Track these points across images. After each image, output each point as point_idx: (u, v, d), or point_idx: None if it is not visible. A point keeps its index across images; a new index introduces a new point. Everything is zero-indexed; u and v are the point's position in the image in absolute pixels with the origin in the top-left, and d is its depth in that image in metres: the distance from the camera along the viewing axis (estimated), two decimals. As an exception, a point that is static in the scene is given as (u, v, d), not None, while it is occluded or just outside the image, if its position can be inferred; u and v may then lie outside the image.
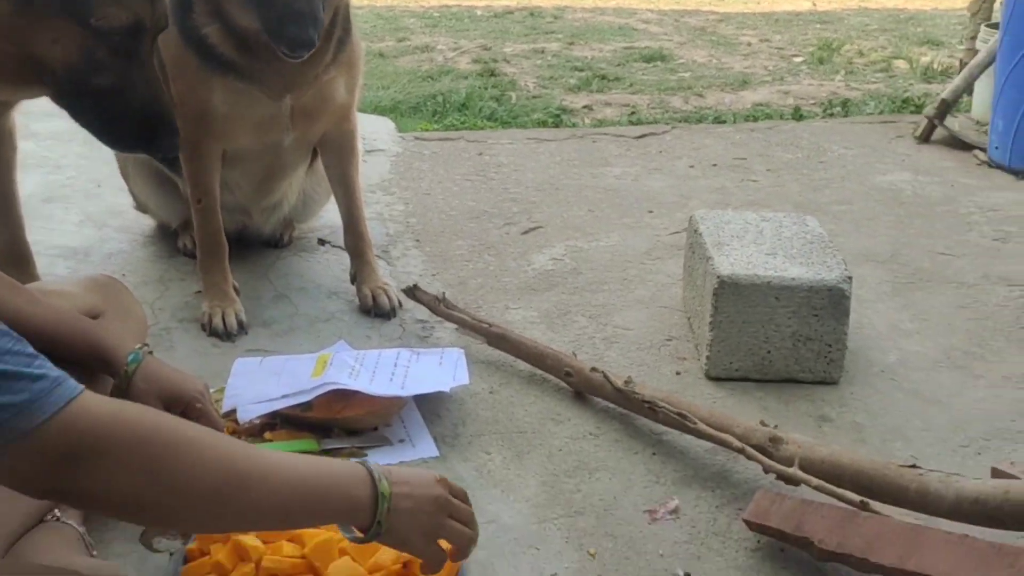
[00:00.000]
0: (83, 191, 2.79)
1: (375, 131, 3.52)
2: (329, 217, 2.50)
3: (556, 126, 3.80)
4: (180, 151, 2.02)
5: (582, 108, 4.17)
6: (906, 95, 3.97)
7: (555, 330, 2.07)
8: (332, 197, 2.29)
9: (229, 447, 1.04)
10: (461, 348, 1.87)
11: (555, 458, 1.63)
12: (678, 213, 2.67)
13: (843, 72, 4.65)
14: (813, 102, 4.12)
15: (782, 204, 2.75)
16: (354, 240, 2.18)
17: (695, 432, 1.57)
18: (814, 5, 6.62)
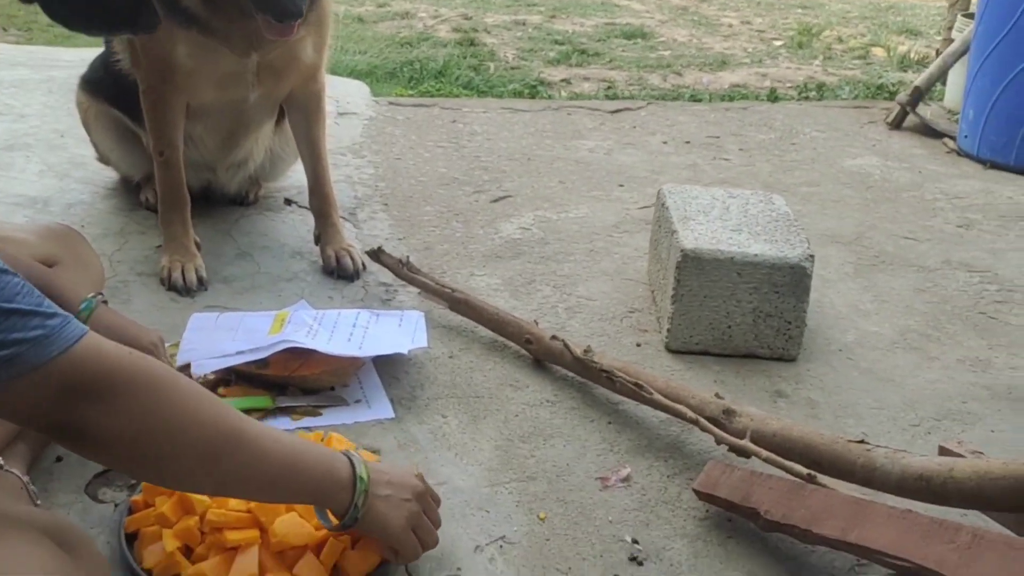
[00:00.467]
0: (46, 141, 2.73)
1: (349, 94, 3.47)
2: (297, 177, 2.46)
3: (532, 97, 3.78)
4: (143, 102, 1.99)
5: (560, 81, 4.15)
6: (880, 81, 3.99)
7: (519, 298, 2.07)
8: (298, 158, 2.26)
9: (224, 406, 1.06)
10: (422, 311, 1.86)
11: (511, 423, 1.63)
12: (648, 188, 2.66)
13: (821, 57, 4.66)
14: (790, 85, 4.13)
15: (752, 183, 2.75)
16: (319, 201, 2.16)
17: (651, 402, 1.58)
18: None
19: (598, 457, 1.56)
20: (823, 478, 1.35)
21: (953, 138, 3.18)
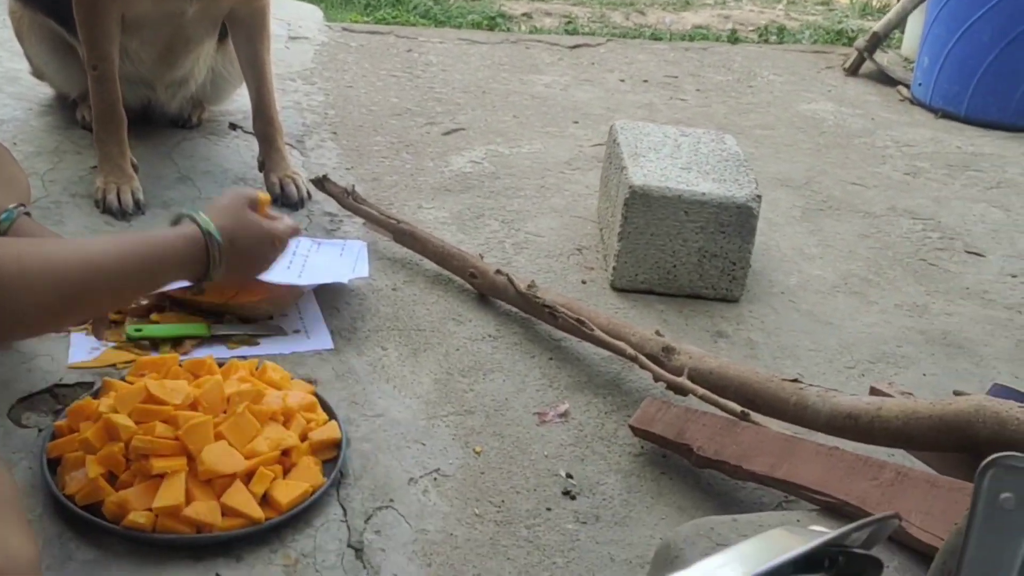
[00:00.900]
0: (-24, 54, 2.61)
1: (300, 18, 3.37)
2: (244, 102, 2.37)
3: (491, 29, 3.70)
4: (75, 11, 1.89)
5: (521, 15, 4.06)
6: (840, 27, 3.97)
7: (466, 232, 2.04)
8: (244, 81, 2.19)
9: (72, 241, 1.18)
10: (365, 242, 1.83)
11: (451, 357, 1.62)
12: (603, 126, 2.63)
13: (785, 1, 4.62)
14: (752, 28, 4.09)
15: (707, 124, 2.73)
16: (263, 125, 2.09)
17: (592, 339, 1.57)
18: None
19: (537, 392, 1.56)
20: (757, 416, 1.36)
21: (908, 86, 3.19)
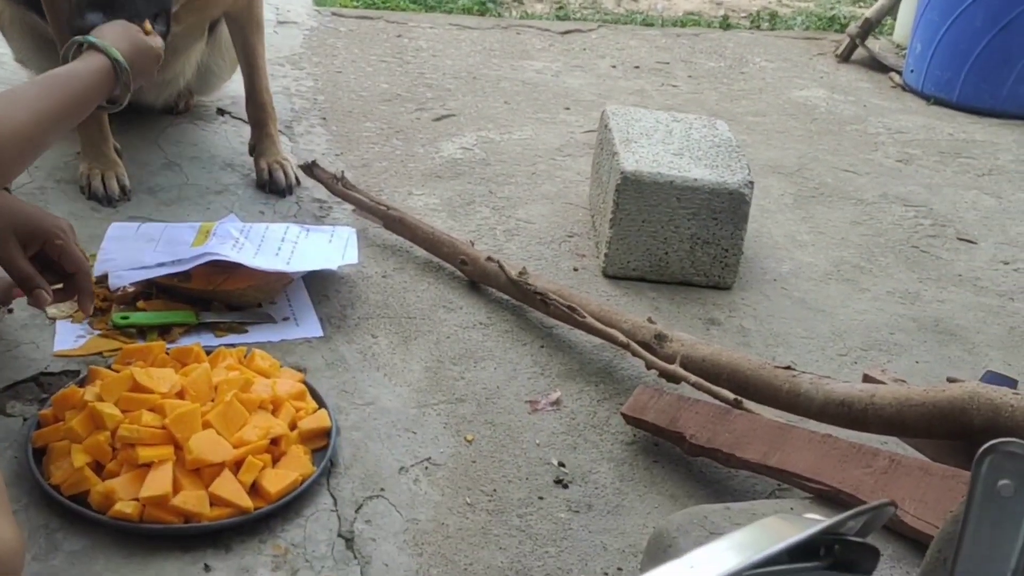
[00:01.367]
0: (-41, 38, 2.57)
1: (290, 2, 3.34)
2: (233, 87, 2.37)
3: (482, 15, 3.66)
4: (45, 8, 1.85)
5: (512, 1, 4.03)
6: (833, 13, 3.96)
7: (456, 219, 2.02)
8: (235, 72, 2.16)
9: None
10: (355, 228, 1.81)
11: (442, 345, 1.61)
12: (594, 112, 2.61)
13: (776, -14, 4.60)
14: (743, 15, 4.07)
15: (699, 111, 2.72)
16: (255, 110, 2.07)
17: (584, 326, 1.56)
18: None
19: (529, 380, 1.54)
20: (750, 404, 1.36)
21: (899, 72, 3.18)
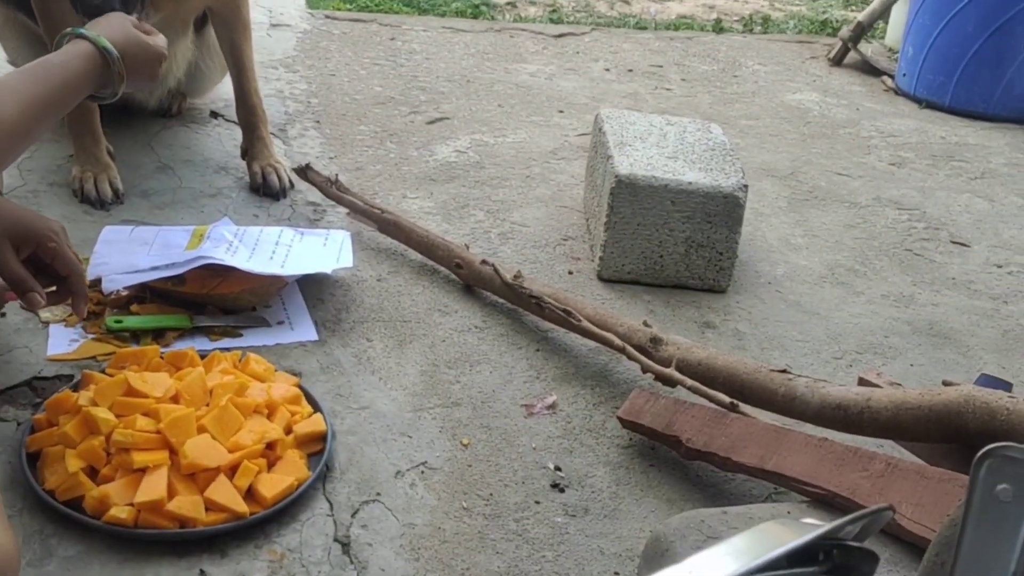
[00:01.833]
0: (-50, 40, 2.55)
1: (282, 5, 3.33)
2: (227, 90, 2.35)
3: (475, 18, 3.66)
4: (34, 7, 1.85)
5: (505, 4, 4.02)
6: (825, 17, 3.97)
7: (451, 222, 2.02)
8: (226, 74, 2.15)
9: None
10: (349, 231, 1.81)
11: (437, 349, 1.61)
12: (588, 115, 2.62)
13: (769, -10, 4.61)
14: (736, 18, 4.08)
15: (692, 114, 2.73)
16: (245, 113, 2.06)
17: (579, 330, 1.56)
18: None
19: (524, 384, 1.54)
20: (746, 407, 1.36)
21: (892, 76, 3.19)
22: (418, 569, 1.17)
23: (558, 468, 1.37)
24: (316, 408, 1.36)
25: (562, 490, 1.33)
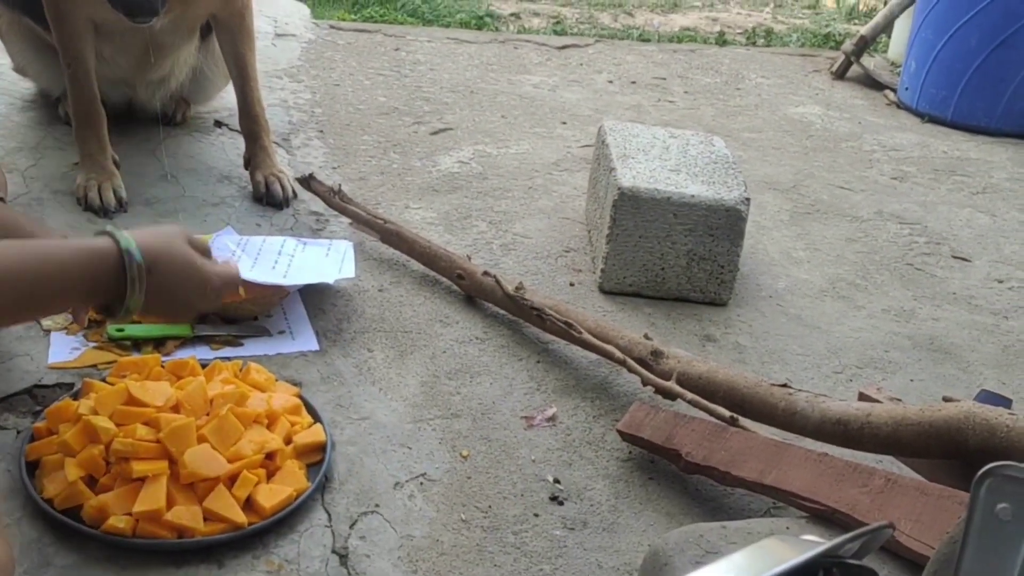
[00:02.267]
0: (-43, 48, 2.57)
1: (287, 15, 3.34)
2: (231, 99, 2.35)
3: (479, 28, 3.68)
4: (47, 12, 1.86)
5: (509, 15, 4.04)
6: (828, 30, 3.98)
7: (453, 232, 2.02)
8: (230, 81, 2.16)
9: None
10: (351, 242, 1.81)
11: (438, 359, 1.61)
12: (591, 127, 2.62)
13: (772, 5, 4.63)
14: (739, 31, 4.09)
15: (695, 126, 2.73)
16: (248, 123, 2.07)
17: (580, 342, 1.56)
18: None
19: (524, 396, 1.54)
20: (746, 421, 1.36)
21: (894, 90, 3.20)
22: (416, 581, 1.17)
23: (557, 481, 1.37)
24: (316, 418, 1.36)
25: (561, 503, 1.33)
